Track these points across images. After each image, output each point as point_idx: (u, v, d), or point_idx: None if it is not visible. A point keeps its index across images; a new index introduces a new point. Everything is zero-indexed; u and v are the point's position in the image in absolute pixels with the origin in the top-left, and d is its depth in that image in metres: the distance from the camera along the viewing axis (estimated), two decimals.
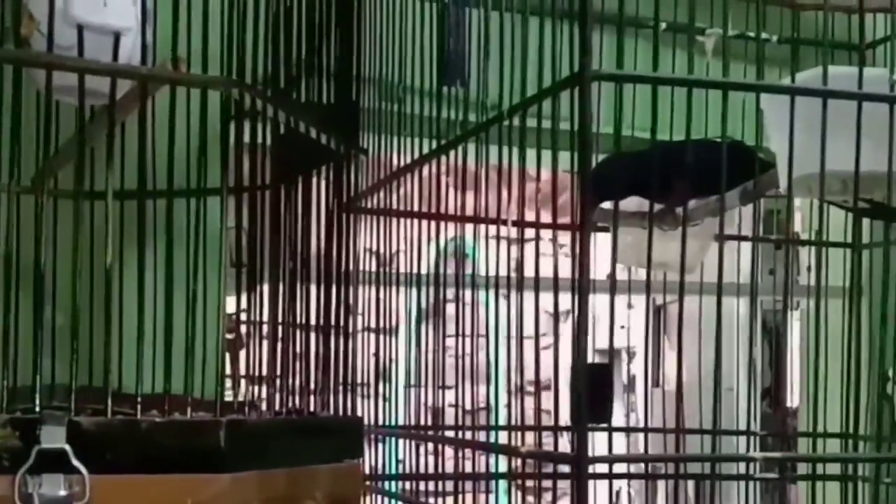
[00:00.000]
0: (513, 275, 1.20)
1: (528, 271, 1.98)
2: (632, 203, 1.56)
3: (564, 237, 2.07)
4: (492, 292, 1.25)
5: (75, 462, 0.94)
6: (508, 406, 1.41)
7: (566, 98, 1.02)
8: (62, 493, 0.93)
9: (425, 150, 1.39)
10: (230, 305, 1.55)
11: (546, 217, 1.40)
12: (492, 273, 1.30)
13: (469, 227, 1.46)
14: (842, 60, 1.73)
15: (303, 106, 1.19)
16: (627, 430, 1.84)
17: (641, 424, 2.81)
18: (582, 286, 0.99)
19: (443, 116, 1.40)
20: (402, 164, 1.43)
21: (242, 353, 1.43)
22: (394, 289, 1.61)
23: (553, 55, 1.09)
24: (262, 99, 1.06)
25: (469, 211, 1.46)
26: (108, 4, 1.00)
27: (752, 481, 1.70)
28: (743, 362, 2.06)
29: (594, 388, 1.69)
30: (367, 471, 1.62)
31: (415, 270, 1.56)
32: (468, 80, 1.61)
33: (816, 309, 1.36)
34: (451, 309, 1.69)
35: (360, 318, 1.72)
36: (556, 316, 1.10)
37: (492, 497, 1.48)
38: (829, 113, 1.05)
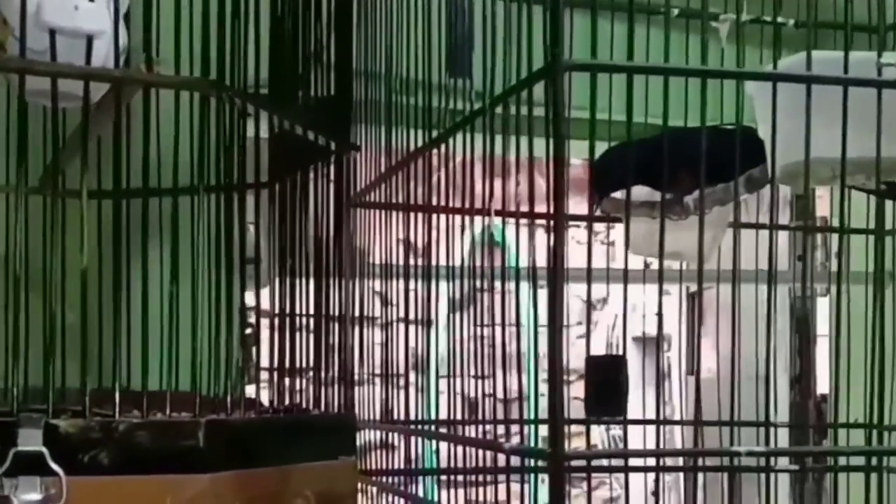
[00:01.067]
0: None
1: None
2: (641, 193, 1.54)
3: (600, 225, 2.05)
4: (523, 283, 1.23)
5: (52, 464, 0.95)
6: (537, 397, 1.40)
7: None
8: (38, 496, 0.94)
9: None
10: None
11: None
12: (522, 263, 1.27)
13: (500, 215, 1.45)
14: (862, 44, 1.69)
15: (289, 105, 1.18)
16: (641, 423, 1.80)
17: (677, 414, 2.78)
18: (557, 276, 0.97)
19: (450, 108, 1.39)
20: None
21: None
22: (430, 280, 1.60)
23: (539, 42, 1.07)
24: (240, 99, 1.06)
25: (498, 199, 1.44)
26: (80, 8, 1.00)
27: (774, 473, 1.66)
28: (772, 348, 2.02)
29: (606, 381, 1.68)
30: (402, 464, 1.61)
31: (442, 262, 1.54)
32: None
33: (838, 297, 1.33)
34: (485, 299, 1.68)
35: (392, 309, 1.72)
36: (588, 307, 1.08)
37: (490, 489, 1.46)
38: (816, 99, 1.02)
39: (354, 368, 1.58)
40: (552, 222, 0.99)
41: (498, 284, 1.28)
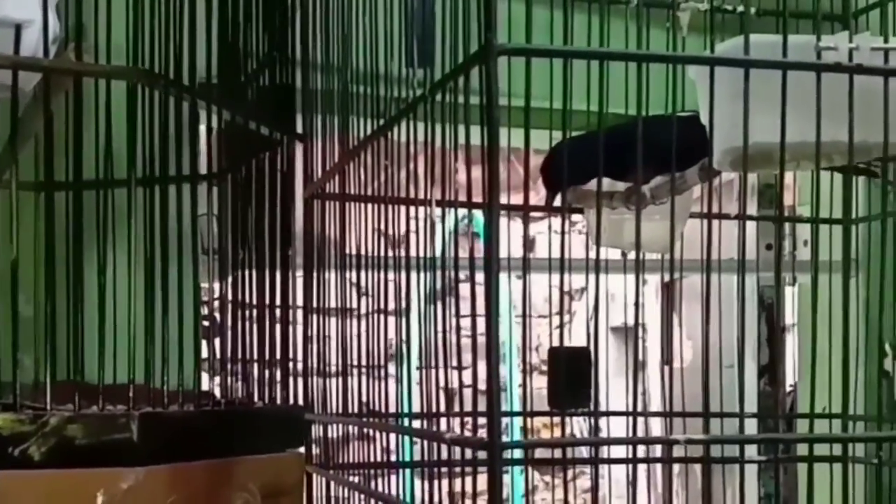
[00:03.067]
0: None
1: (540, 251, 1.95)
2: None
3: (577, 215, 2.04)
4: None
5: None
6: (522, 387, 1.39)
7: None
8: None
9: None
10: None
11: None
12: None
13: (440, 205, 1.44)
14: (827, 31, 1.69)
15: (228, 95, 1.17)
16: (607, 415, 1.80)
17: (654, 404, 2.77)
18: (491, 267, 0.96)
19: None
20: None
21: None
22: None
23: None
24: (174, 89, 1.05)
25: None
26: None
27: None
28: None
29: (571, 373, 1.67)
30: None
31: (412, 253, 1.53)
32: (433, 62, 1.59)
33: (813, 288, 1.32)
34: (463, 289, 1.67)
35: (368, 301, 1.71)
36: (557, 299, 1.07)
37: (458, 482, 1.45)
38: (756, 83, 1.01)
39: (311, 360, 1.58)
40: (488, 211, 0.98)
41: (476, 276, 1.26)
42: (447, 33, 1.12)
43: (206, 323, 1.50)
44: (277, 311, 1.24)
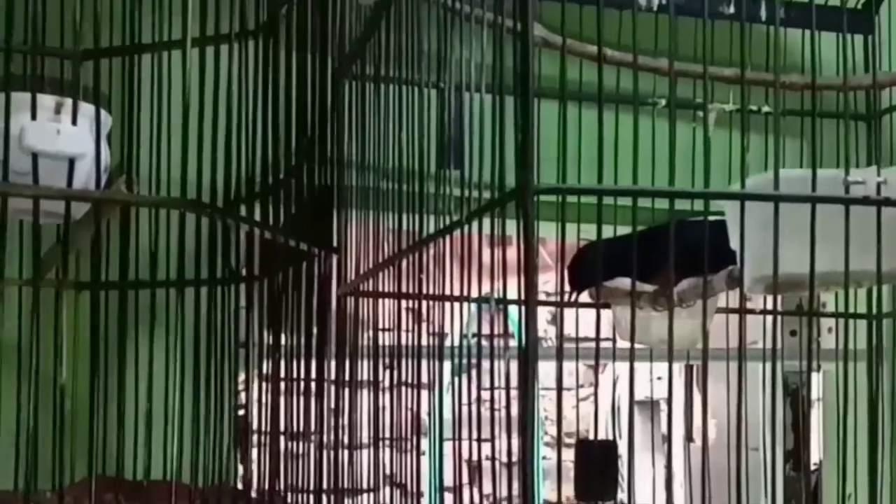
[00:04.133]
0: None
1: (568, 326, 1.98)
2: (626, 282, 1.56)
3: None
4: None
5: None
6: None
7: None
8: None
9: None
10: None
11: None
12: None
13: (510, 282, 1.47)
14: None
15: (270, 217, 1.21)
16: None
17: (678, 478, 2.78)
18: (529, 357, 0.98)
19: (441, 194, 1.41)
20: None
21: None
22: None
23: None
24: (218, 216, 1.08)
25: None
26: (63, 132, 1.03)
27: None
28: (768, 422, 2.03)
29: (597, 467, 1.69)
30: None
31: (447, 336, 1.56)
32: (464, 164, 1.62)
33: (845, 381, 1.34)
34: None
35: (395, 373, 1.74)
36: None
37: None
38: (784, 215, 1.03)
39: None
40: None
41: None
42: (485, 139, 1.15)
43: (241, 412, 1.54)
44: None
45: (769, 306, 1.79)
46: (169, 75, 1.38)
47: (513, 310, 1.54)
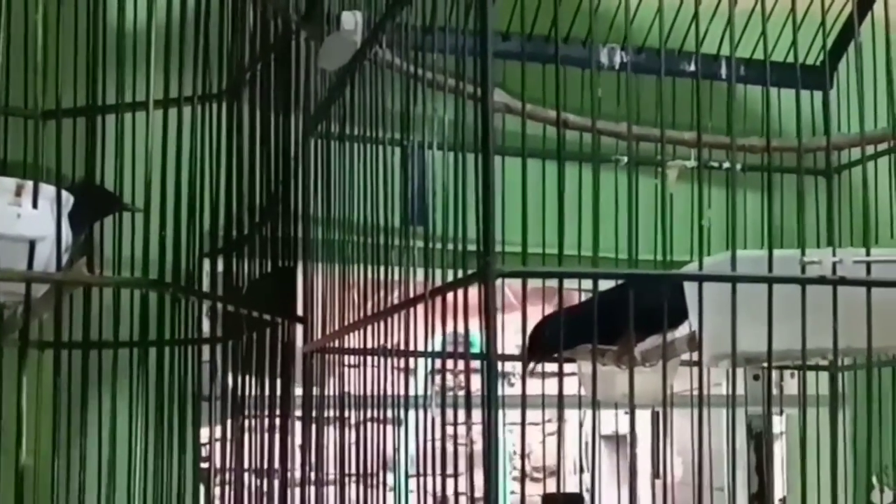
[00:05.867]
0: None
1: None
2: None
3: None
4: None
5: None
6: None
7: None
8: None
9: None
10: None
11: None
12: None
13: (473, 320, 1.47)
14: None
15: (229, 279, 1.22)
16: None
17: None
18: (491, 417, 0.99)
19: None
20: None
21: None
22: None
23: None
24: (181, 293, 1.09)
25: None
26: (23, 216, 1.03)
27: None
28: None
29: None
30: None
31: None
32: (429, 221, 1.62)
33: (801, 430, 1.35)
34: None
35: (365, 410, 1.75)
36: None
37: None
38: (742, 295, 1.05)
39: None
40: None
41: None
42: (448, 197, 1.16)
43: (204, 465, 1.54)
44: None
45: None
46: (133, 136, 1.37)
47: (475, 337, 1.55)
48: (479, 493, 1.11)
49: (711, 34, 1.40)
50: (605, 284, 1.12)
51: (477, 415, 1.10)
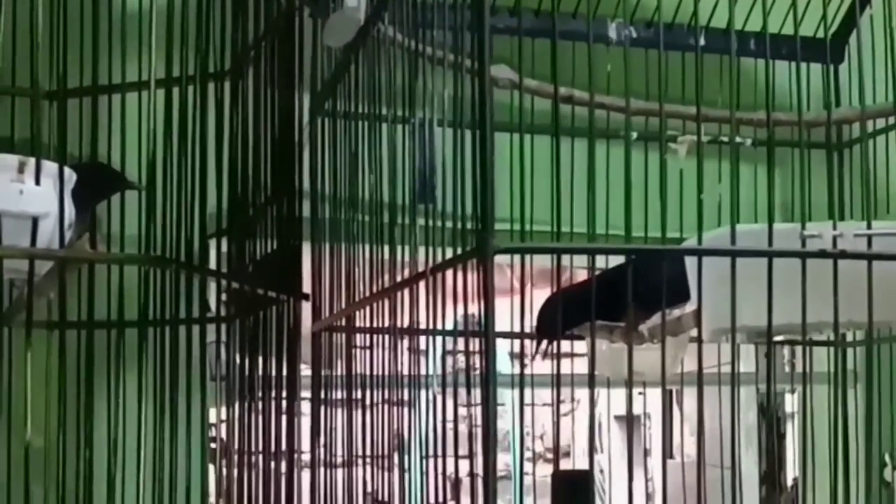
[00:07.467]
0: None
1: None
2: (600, 322, 1.57)
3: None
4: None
5: None
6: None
7: None
8: None
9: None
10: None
11: None
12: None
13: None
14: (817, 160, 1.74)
15: (238, 255, 1.22)
16: None
17: (658, 494, 2.80)
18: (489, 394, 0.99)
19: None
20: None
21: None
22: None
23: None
24: (183, 270, 1.09)
25: None
26: (25, 192, 1.04)
27: None
28: (744, 443, 2.05)
29: (573, 497, 1.70)
30: None
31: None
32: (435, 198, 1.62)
33: (804, 409, 1.35)
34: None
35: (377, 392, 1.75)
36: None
37: None
38: (742, 269, 1.04)
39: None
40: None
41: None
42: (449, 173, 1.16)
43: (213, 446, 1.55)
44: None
45: None
46: (139, 116, 1.38)
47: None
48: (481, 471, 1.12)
49: (722, 8, 1.39)
50: (614, 261, 1.12)
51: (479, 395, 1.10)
